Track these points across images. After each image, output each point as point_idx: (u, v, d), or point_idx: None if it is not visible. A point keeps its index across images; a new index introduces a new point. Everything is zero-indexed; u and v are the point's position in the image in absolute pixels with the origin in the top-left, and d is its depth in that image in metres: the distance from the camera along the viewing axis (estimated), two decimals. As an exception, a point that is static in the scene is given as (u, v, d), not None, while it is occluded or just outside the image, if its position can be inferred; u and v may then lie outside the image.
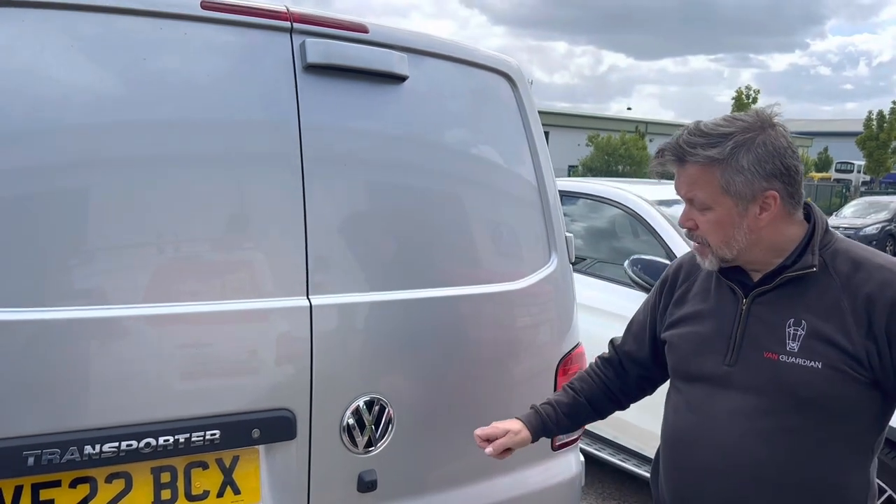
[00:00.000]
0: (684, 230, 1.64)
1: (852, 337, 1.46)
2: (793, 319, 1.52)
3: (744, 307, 1.59)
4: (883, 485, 2.90)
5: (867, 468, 1.56)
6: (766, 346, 1.54)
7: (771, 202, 1.52)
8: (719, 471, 1.56)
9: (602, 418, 1.94)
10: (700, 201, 1.55)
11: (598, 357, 1.99)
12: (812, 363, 1.47)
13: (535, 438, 1.86)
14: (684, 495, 1.65)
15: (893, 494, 2.91)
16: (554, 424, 1.88)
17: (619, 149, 32.24)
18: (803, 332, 1.50)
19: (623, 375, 1.92)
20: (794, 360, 1.49)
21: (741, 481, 1.54)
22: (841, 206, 25.14)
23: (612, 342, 1.98)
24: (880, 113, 40.98)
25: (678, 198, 1.63)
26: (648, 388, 1.93)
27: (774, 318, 1.54)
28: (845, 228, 17.25)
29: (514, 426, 1.84)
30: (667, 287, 1.82)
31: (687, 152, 1.53)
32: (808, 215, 1.60)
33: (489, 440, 1.82)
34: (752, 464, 1.52)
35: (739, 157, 1.49)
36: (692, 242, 1.65)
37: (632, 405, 1.95)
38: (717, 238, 1.56)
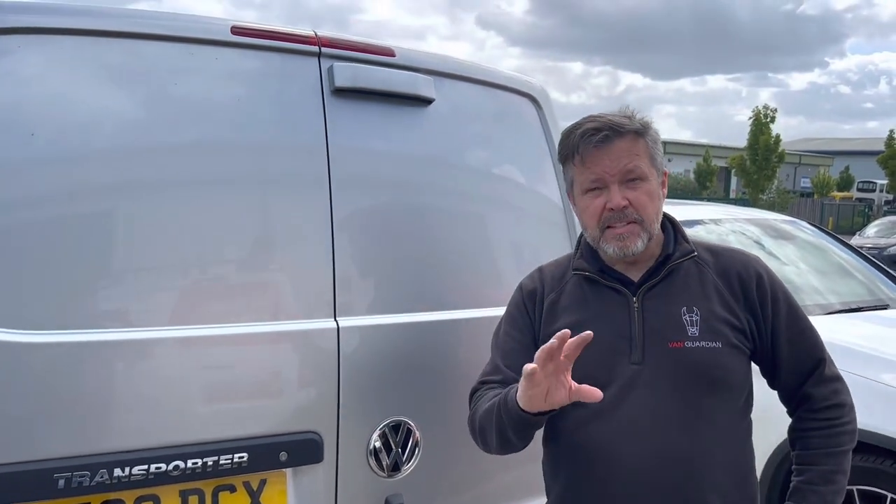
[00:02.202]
0: (605, 215, 1.59)
1: (737, 313, 1.61)
2: (685, 307, 1.60)
3: (636, 304, 1.62)
4: (883, 491, 2.88)
5: (751, 436, 1.68)
6: (669, 337, 1.58)
7: (665, 181, 1.69)
8: (648, 471, 1.54)
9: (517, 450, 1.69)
10: (640, 171, 1.59)
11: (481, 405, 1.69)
12: (714, 343, 1.57)
13: None
14: None
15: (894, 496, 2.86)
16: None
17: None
18: (698, 317, 1.59)
19: None
20: (698, 343, 1.57)
21: (674, 476, 1.53)
22: (864, 225, 24.87)
23: (485, 384, 1.73)
24: (902, 131, 40.59)
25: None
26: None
27: (668, 309, 1.61)
28: (869, 248, 17.05)
29: None
30: (536, 301, 1.73)
31: (620, 125, 1.58)
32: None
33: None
34: (680, 456, 1.54)
35: (651, 131, 1.63)
36: (615, 230, 1.58)
37: None
38: (652, 210, 1.61)
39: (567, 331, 1.40)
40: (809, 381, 1.64)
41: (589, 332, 1.41)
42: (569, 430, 1.64)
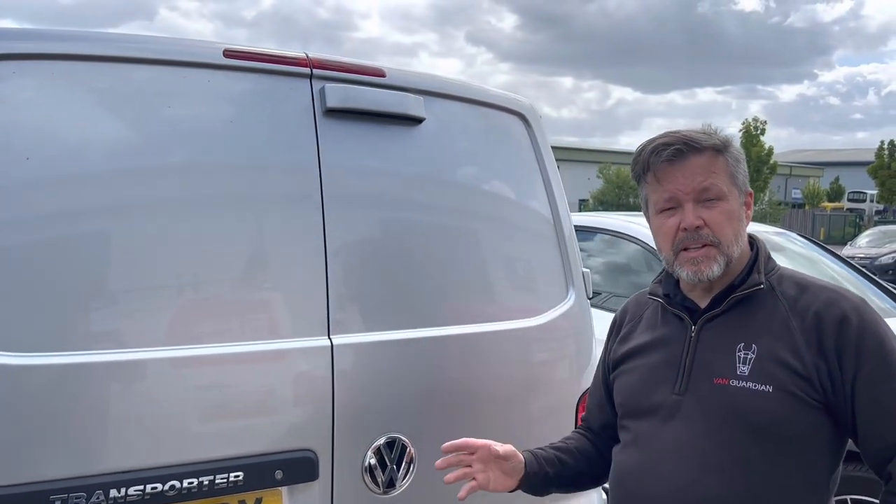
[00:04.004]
0: (679, 236, 1.50)
1: (803, 357, 1.42)
2: (743, 343, 1.47)
3: (693, 333, 1.53)
4: (876, 500, 2.83)
5: (826, 499, 1.47)
6: (716, 372, 1.47)
7: (750, 202, 1.57)
8: None
9: (592, 487, 1.79)
10: (717, 189, 1.48)
11: (577, 431, 1.84)
12: (763, 387, 1.42)
13: (524, 477, 1.66)
14: None
15: None
16: (549, 468, 1.69)
17: (630, 181, 32.38)
18: (753, 356, 1.45)
19: (607, 447, 1.71)
20: (744, 384, 1.44)
21: None
22: (855, 235, 25.00)
23: (584, 420, 1.84)
24: (892, 142, 40.96)
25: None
26: None
27: (724, 342, 1.49)
28: (861, 258, 17.12)
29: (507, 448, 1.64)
30: (614, 332, 1.76)
31: (696, 140, 1.48)
32: (751, 242, 1.60)
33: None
34: (706, 499, 1.42)
35: (733, 149, 1.53)
36: (690, 254, 1.50)
37: None
38: (731, 232, 1.49)
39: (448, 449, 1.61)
40: None
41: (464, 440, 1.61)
42: (615, 454, 1.64)
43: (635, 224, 4.40)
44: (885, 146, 40.94)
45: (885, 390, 1.39)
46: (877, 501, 1.48)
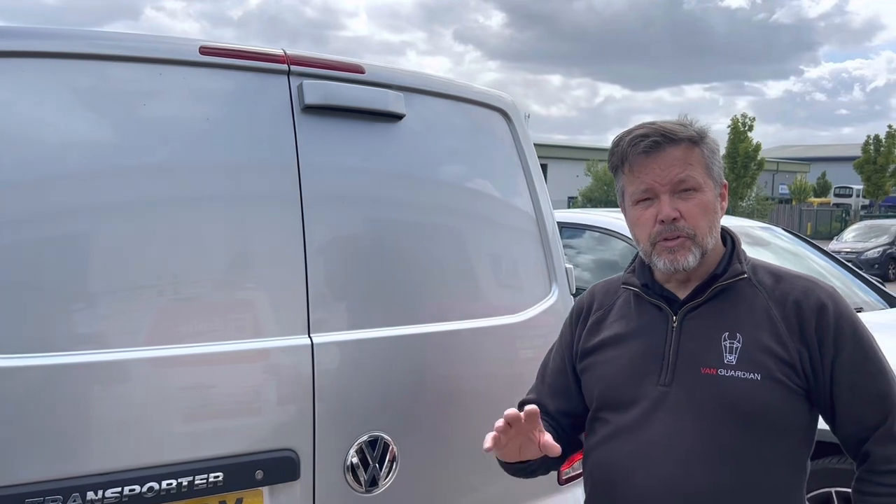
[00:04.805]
0: (658, 227, 1.50)
1: (786, 344, 1.45)
2: (728, 332, 1.48)
3: (674, 324, 1.53)
4: None
5: (803, 489, 1.51)
6: (703, 362, 1.48)
7: (725, 193, 1.58)
8: (659, 498, 1.45)
9: (546, 472, 1.72)
10: (693, 181, 1.49)
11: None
12: (751, 375, 1.44)
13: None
14: None
15: None
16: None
17: (618, 179, 32.46)
18: (740, 345, 1.47)
19: (562, 434, 1.68)
20: (733, 373, 1.45)
21: None
22: (841, 230, 25.19)
23: (524, 403, 1.74)
24: (877, 137, 41.28)
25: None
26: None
27: (708, 332, 1.50)
28: (847, 252, 17.25)
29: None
30: (580, 318, 1.72)
31: (672, 132, 1.49)
32: (724, 234, 1.61)
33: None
34: (696, 491, 1.43)
35: (709, 140, 1.54)
36: (666, 244, 1.50)
37: None
38: (706, 223, 1.50)
39: (513, 410, 1.42)
40: (874, 436, 1.43)
41: (534, 407, 1.43)
42: (593, 447, 1.61)
43: (623, 221, 4.41)
44: (871, 141, 41.25)
45: (862, 374, 1.45)
46: None
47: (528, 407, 1.44)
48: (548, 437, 1.47)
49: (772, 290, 1.52)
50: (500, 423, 1.43)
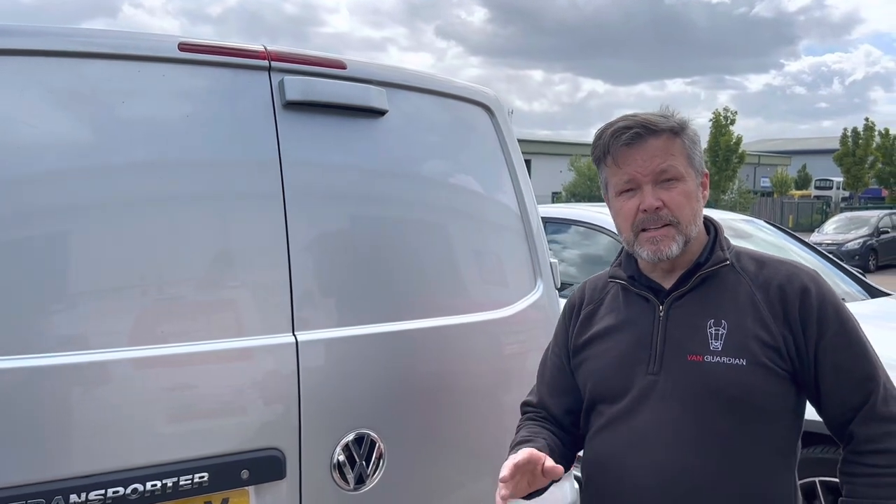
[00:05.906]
0: (639, 217, 1.52)
1: (770, 329, 1.48)
2: (713, 319, 1.51)
3: (661, 313, 1.55)
4: None
5: (793, 471, 1.54)
6: (689, 350, 1.50)
7: (706, 182, 1.60)
8: (650, 488, 1.47)
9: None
10: (675, 171, 1.51)
11: (529, 419, 1.75)
12: (737, 360, 1.46)
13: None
14: None
15: None
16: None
17: (601, 173, 32.57)
18: (725, 331, 1.49)
19: (566, 435, 1.71)
20: (718, 359, 1.47)
21: (675, 496, 1.46)
22: (822, 222, 25.43)
23: (525, 405, 1.79)
24: (854, 130, 41.70)
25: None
26: None
27: (694, 320, 1.52)
28: (828, 244, 17.42)
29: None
30: (572, 315, 1.74)
31: (654, 123, 1.51)
32: (707, 223, 1.63)
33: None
34: (685, 475, 1.45)
35: (689, 131, 1.56)
36: (649, 234, 1.52)
37: None
38: (689, 212, 1.52)
39: (516, 460, 1.40)
40: (857, 417, 1.45)
41: (538, 454, 1.41)
42: (588, 439, 1.63)
43: (608, 216, 4.42)
44: (850, 134, 41.67)
45: (846, 356, 1.47)
46: None
47: (520, 458, 1.41)
48: (549, 463, 1.45)
49: (755, 275, 1.54)
50: (504, 473, 1.40)
